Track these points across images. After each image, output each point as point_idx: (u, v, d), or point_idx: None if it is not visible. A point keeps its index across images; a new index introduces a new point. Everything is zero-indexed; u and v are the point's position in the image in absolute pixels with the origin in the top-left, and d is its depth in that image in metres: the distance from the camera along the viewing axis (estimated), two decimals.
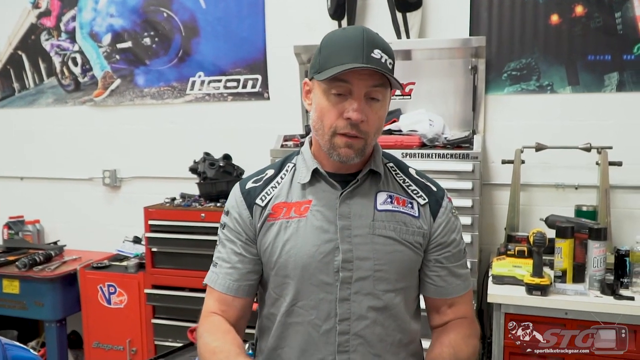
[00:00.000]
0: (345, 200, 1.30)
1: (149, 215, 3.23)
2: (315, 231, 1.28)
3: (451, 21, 3.03)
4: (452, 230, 1.37)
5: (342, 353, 1.27)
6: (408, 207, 1.33)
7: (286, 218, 1.31)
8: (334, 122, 1.23)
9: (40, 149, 4.08)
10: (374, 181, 1.34)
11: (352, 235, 1.28)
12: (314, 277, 1.27)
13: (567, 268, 2.33)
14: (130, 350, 3.35)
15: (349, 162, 1.26)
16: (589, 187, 2.86)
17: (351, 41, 1.22)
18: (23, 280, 3.44)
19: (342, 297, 1.27)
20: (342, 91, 1.22)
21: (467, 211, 2.58)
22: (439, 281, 1.36)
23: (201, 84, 3.60)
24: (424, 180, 1.41)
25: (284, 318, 1.31)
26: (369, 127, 1.24)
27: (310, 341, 1.28)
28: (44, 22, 3.95)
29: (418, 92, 3.05)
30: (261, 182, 1.38)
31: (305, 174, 1.33)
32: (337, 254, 1.26)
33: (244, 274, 1.36)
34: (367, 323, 1.28)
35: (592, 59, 2.85)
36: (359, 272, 1.27)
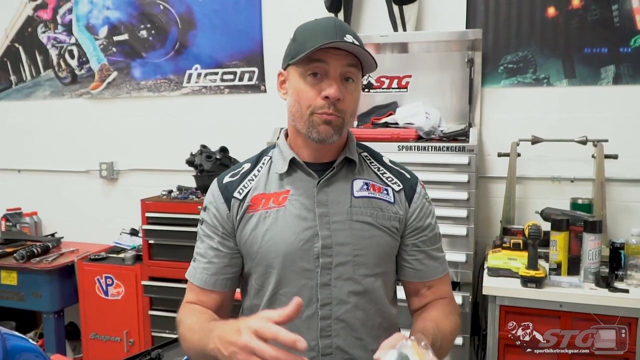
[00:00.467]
0: (322, 189, 1.32)
1: (146, 208, 3.24)
2: (294, 219, 1.30)
3: (448, 14, 3.03)
4: (426, 214, 1.41)
5: (324, 338, 1.30)
6: (384, 194, 1.36)
7: (265, 209, 1.32)
8: (312, 102, 1.26)
9: (37, 141, 4.08)
10: (350, 169, 1.37)
11: (331, 221, 1.30)
12: (294, 264, 1.29)
13: (562, 260, 2.34)
14: (128, 342, 3.37)
15: (328, 140, 1.28)
16: (585, 180, 2.86)
17: (324, 27, 1.26)
18: (21, 271, 3.46)
19: (322, 282, 1.29)
20: (319, 71, 1.25)
21: (462, 204, 2.58)
22: (417, 265, 1.40)
23: (198, 77, 3.60)
24: (398, 168, 1.45)
25: (266, 307, 1.32)
26: (346, 106, 1.27)
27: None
28: (41, 14, 3.94)
29: (414, 85, 3.05)
30: (238, 176, 1.39)
31: (283, 165, 1.35)
32: (317, 240, 1.29)
33: (220, 268, 1.37)
34: (348, 307, 1.30)
35: (589, 52, 2.85)
36: (338, 257, 1.29)
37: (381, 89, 3.11)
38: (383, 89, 3.11)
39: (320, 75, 1.25)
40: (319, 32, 1.25)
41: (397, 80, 3.08)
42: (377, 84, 3.11)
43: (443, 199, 2.60)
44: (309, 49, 1.22)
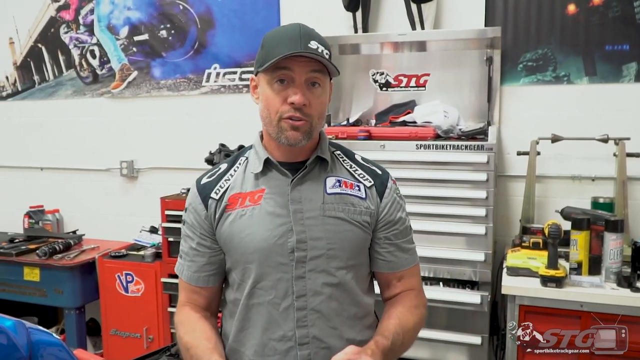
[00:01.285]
0: (296, 186, 1.38)
1: (166, 206, 3.27)
2: (269, 216, 1.37)
3: (466, 12, 3.01)
4: (397, 209, 1.47)
5: (301, 328, 1.36)
6: (355, 190, 1.42)
7: (242, 207, 1.39)
8: (279, 108, 1.32)
9: (59, 140, 4.14)
10: (323, 167, 1.43)
11: (305, 217, 1.37)
12: (270, 259, 1.36)
13: (582, 260, 2.32)
14: (147, 338, 3.40)
15: (297, 144, 1.34)
16: (606, 178, 2.83)
17: (289, 35, 1.32)
18: (43, 268, 3.51)
19: (297, 275, 1.35)
20: (285, 78, 1.31)
21: (481, 202, 2.57)
22: (388, 256, 1.46)
23: (216, 76, 3.62)
24: (369, 165, 1.50)
25: (246, 300, 1.40)
26: (312, 110, 1.33)
27: (271, 319, 1.38)
28: (63, 15, 4.00)
29: (433, 83, 3.04)
30: (215, 177, 1.46)
31: (258, 165, 1.41)
32: (291, 235, 1.35)
33: (201, 267, 1.46)
34: (322, 298, 1.36)
35: (610, 49, 2.82)
36: (312, 251, 1.36)
37: (399, 88, 3.11)
38: (401, 87, 3.10)
39: (286, 82, 1.31)
40: (284, 40, 1.30)
41: (415, 78, 3.07)
42: (395, 83, 3.10)
43: (461, 198, 2.59)
44: (275, 56, 1.28)
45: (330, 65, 1.32)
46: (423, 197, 2.63)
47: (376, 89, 3.15)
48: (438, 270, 2.65)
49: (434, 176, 2.64)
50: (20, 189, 4.26)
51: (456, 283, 2.67)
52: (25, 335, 1.26)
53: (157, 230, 3.63)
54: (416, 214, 2.62)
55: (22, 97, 4.23)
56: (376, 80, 3.14)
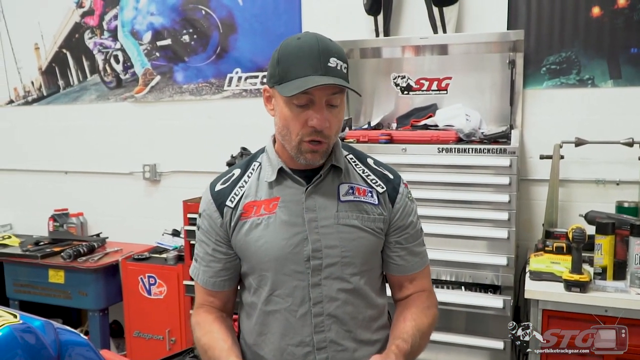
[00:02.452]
0: (310, 195, 1.39)
1: (188, 209, 3.29)
2: (285, 225, 1.38)
3: (488, 15, 3.00)
4: (409, 213, 1.48)
5: (318, 333, 1.38)
6: (368, 196, 1.43)
7: (257, 216, 1.39)
8: (299, 131, 1.31)
9: (83, 144, 4.20)
10: (336, 174, 1.43)
11: (319, 226, 1.37)
12: (286, 268, 1.37)
13: (607, 265, 2.29)
14: (170, 340, 3.43)
15: (315, 164, 1.37)
16: (631, 183, 2.79)
17: (307, 52, 1.27)
18: (68, 270, 3.56)
19: (313, 282, 1.37)
20: (304, 102, 1.29)
21: (503, 206, 2.55)
22: (399, 260, 1.48)
23: (238, 80, 3.65)
24: (381, 169, 1.50)
25: (263, 307, 1.42)
26: (331, 131, 1.33)
27: (289, 326, 1.39)
28: (87, 21, 4.06)
29: (454, 86, 3.03)
30: (229, 183, 1.46)
31: (271, 173, 1.41)
32: (307, 244, 1.36)
33: (216, 272, 1.47)
34: (338, 304, 1.38)
35: (636, 52, 2.78)
36: (328, 259, 1.37)
37: (421, 91, 3.10)
38: (422, 91, 3.09)
39: (306, 104, 1.30)
40: (302, 59, 1.27)
41: (436, 82, 3.06)
42: (417, 86, 3.10)
43: (483, 201, 2.58)
44: (293, 77, 1.26)
45: (348, 86, 1.29)
46: (445, 200, 2.63)
47: (397, 92, 3.15)
48: (460, 274, 2.64)
49: (455, 180, 2.63)
50: (45, 193, 4.33)
51: (478, 287, 2.65)
52: (53, 335, 1.27)
53: (179, 234, 3.66)
54: (438, 217, 2.62)
55: (47, 102, 4.30)
56: (397, 84, 3.14)
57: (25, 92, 4.37)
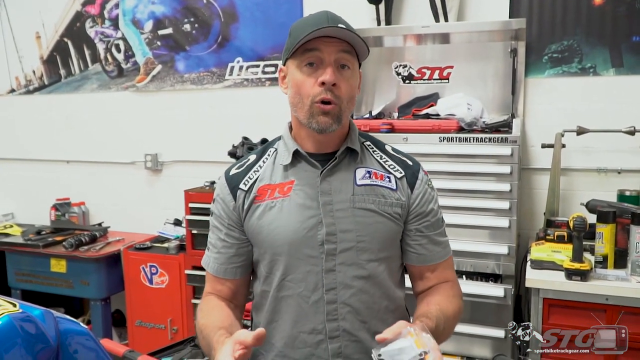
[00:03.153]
0: (325, 178, 1.36)
1: (189, 198, 3.30)
2: (299, 208, 1.35)
3: (490, 3, 2.99)
4: (429, 200, 1.43)
5: (331, 321, 1.34)
6: (386, 181, 1.40)
7: (271, 199, 1.37)
8: (310, 91, 1.30)
9: (85, 133, 4.20)
10: (352, 158, 1.40)
11: (334, 209, 1.34)
12: (299, 252, 1.34)
13: (608, 253, 2.29)
14: (172, 329, 3.45)
15: (328, 130, 1.32)
16: (633, 171, 2.80)
17: (316, 20, 1.31)
18: (70, 259, 3.58)
19: (327, 268, 1.34)
20: (314, 60, 1.30)
21: (505, 195, 2.55)
22: (420, 249, 1.43)
23: (240, 70, 3.64)
24: (400, 155, 1.47)
25: (275, 293, 1.39)
26: (342, 92, 1.31)
27: (301, 312, 1.36)
28: (89, 9, 4.05)
29: (456, 75, 3.02)
30: (244, 167, 1.45)
31: (287, 156, 1.40)
32: (321, 227, 1.33)
33: (228, 258, 1.45)
34: (353, 291, 1.34)
35: (638, 40, 2.77)
36: (342, 244, 1.34)
37: (422, 80, 3.09)
38: (424, 80, 3.09)
39: (316, 64, 1.30)
40: (311, 24, 1.29)
41: (438, 71, 3.05)
42: (418, 75, 3.09)
43: (485, 190, 2.58)
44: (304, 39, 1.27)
45: (359, 44, 1.30)
46: (446, 189, 2.62)
47: (399, 81, 3.14)
48: (461, 263, 2.64)
49: (457, 169, 2.63)
50: (47, 182, 4.34)
51: (479, 276, 2.66)
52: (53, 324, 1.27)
53: (181, 223, 3.67)
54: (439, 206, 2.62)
55: (48, 91, 4.30)
56: (399, 73, 3.13)
57: (26, 81, 4.37)
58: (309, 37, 1.26)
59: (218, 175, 3.59)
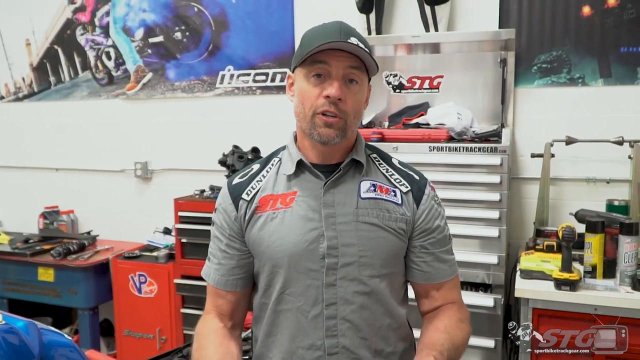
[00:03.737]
0: (329, 190, 1.34)
1: (179, 207, 3.29)
2: (300, 220, 1.32)
3: (480, 13, 3.00)
4: (435, 216, 1.40)
5: (330, 337, 1.31)
6: (391, 195, 1.36)
7: (273, 209, 1.35)
8: (314, 102, 1.28)
9: (74, 141, 4.18)
10: (357, 170, 1.38)
11: (337, 222, 1.31)
12: (300, 265, 1.31)
13: (597, 263, 2.29)
14: (160, 339, 3.42)
15: (330, 142, 1.29)
16: (621, 181, 2.81)
17: (329, 31, 1.28)
18: (58, 268, 3.54)
19: (328, 282, 1.30)
20: (322, 72, 1.27)
21: (495, 205, 2.56)
22: (425, 267, 1.39)
23: (230, 78, 3.64)
24: (407, 169, 1.44)
25: (274, 306, 1.36)
26: (348, 107, 1.28)
27: (300, 327, 1.33)
28: (79, 17, 4.04)
29: (446, 85, 3.03)
30: (247, 177, 1.42)
31: (290, 166, 1.37)
32: (322, 241, 1.30)
33: (229, 270, 1.41)
34: (353, 307, 1.31)
35: (625, 51, 2.79)
36: (344, 258, 1.30)
37: (413, 90, 3.10)
38: (414, 89, 3.09)
39: (323, 77, 1.28)
40: (323, 35, 1.27)
41: (428, 80, 3.06)
42: (409, 85, 3.10)
43: (475, 200, 2.58)
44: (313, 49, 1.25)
45: (369, 60, 1.28)
46: None
47: (389, 90, 3.15)
48: None
49: (447, 178, 2.63)
50: (36, 190, 4.30)
51: (469, 286, 2.65)
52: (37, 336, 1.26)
53: (170, 232, 3.65)
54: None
55: (38, 98, 4.28)
56: (389, 82, 3.14)
57: (16, 88, 4.34)
58: (319, 49, 1.25)
59: (208, 183, 3.60)
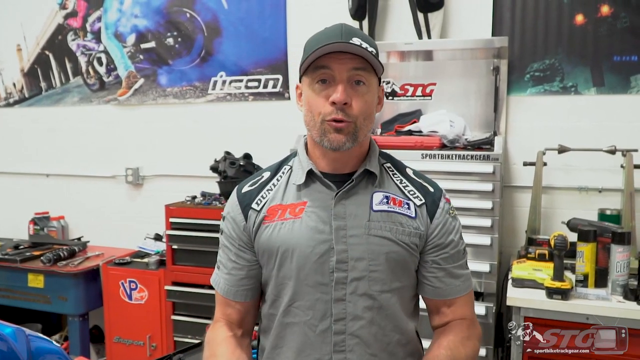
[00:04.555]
0: (340, 201, 1.29)
1: (170, 213, 3.26)
2: (310, 232, 1.28)
3: (473, 21, 3.01)
4: (449, 231, 1.35)
5: (338, 353, 1.28)
6: (404, 208, 1.31)
7: (281, 220, 1.31)
8: (321, 109, 1.24)
9: (65, 146, 4.15)
10: (370, 181, 1.33)
11: (347, 235, 1.27)
12: (309, 278, 1.28)
13: (589, 272, 2.29)
14: (150, 346, 3.39)
15: (341, 148, 1.25)
16: (613, 190, 2.81)
17: (329, 33, 1.25)
18: (47, 274, 3.51)
19: (337, 297, 1.27)
20: (326, 77, 1.24)
21: (487, 213, 2.55)
22: (436, 282, 1.35)
23: (223, 84, 3.62)
24: (421, 180, 1.39)
25: (281, 318, 1.33)
26: (355, 110, 1.24)
27: (307, 341, 1.30)
28: (71, 22, 4.02)
29: (439, 92, 3.03)
30: (257, 185, 1.38)
31: (300, 175, 1.33)
32: (332, 254, 1.26)
33: (238, 280, 1.39)
34: (362, 323, 1.28)
35: (618, 60, 2.80)
36: (353, 272, 1.27)
37: (405, 97, 3.10)
38: (407, 96, 3.09)
39: (328, 82, 1.24)
40: (323, 39, 1.23)
41: (421, 88, 3.06)
42: (401, 92, 3.10)
43: (467, 208, 2.57)
44: (314, 55, 1.22)
45: (372, 60, 1.24)
46: None
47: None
48: None
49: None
50: (26, 196, 4.27)
51: None
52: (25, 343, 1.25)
53: (161, 238, 3.62)
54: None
55: (28, 103, 4.25)
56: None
57: (6, 94, 4.31)
58: (318, 54, 1.21)
59: (199, 190, 3.58)
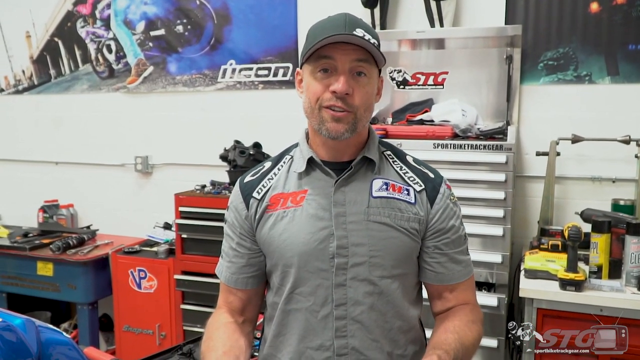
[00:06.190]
0: (340, 188, 1.31)
1: (180, 202, 3.26)
2: (311, 219, 1.30)
3: (486, 9, 2.97)
4: (450, 216, 1.36)
5: (340, 338, 1.29)
6: (404, 194, 1.33)
7: (283, 208, 1.33)
8: (319, 95, 1.25)
9: (74, 134, 4.15)
10: (370, 168, 1.34)
11: (347, 221, 1.29)
12: (310, 264, 1.30)
13: (602, 263, 2.27)
14: (160, 335, 3.39)
15: (340, 137, 1.26)
16: (627, 180, 2.78)
17: (333, 23, 1.25)
18: (57, 263, 3.52)
19: (337, 282, 1.29)
20: (328, 67, 1.24)
21: (499, 203, 2.53)
22: (438, 267, 1.36)
23: (232, 72, 3.60)
24: (422, 167, 1.40)
25: (284, 305, 1.35)
26: (356, 101, 1.25)
27: (309, 327, 1.32)
28: (80, 9, 4.00)
29: (451, 81, 3.00)
30: (258, 175, 1.40)
31: (301, 164, 1.35)
32: (332, 240, 1.28)
33: (239, 268, 1.41)
34: (363, 308, 1.29)
35: (633, 49, 2.76)
36: (354, 258, 1.28)
37: (417, 86, 3.07)
38: (419, 85, 3.06)
39: (330, 71, 1.25)
40: (327, 28, 1.23)
41: (433, 76, 3.03)
42: (413, 81, 3.07)
43: (479, 198, 2.56)
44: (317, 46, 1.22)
45: (375, 52, 1.24)
46: None
47: (393, 86, 3.12)
48: None
49: (451, 176, 2.53)
50: (35, 184, 4.28)
51: None
52: (34, 334, 1.24)
53: (170, 227, 3.62)
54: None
55: (37, 91, 4.25)
56: (393, 78, 3.10)
57: (16, 81, 4.31)
58: (322, 44, 1.22)
59: (209, 178, 3.57)
